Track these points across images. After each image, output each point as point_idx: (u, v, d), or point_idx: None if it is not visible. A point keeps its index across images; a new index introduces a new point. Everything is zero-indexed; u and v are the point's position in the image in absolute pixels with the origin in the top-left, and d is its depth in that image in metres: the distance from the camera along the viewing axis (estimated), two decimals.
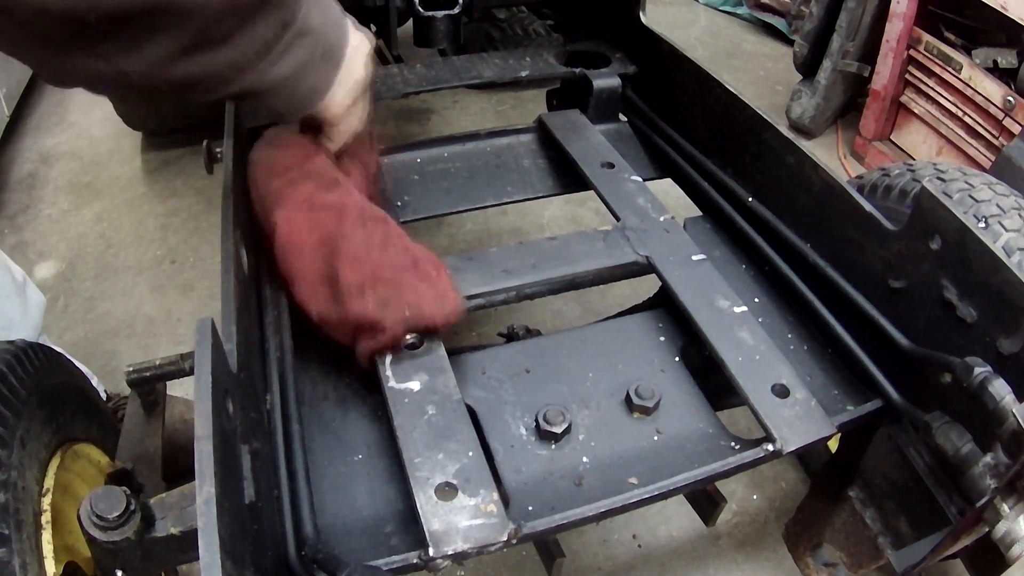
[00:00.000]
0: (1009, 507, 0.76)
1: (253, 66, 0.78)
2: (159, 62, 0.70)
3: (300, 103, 0.90)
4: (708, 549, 1.45)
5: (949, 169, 1.25)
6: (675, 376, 1.03)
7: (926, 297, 0.93)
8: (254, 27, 0.75)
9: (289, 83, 0.84)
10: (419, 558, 0.77)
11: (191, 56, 0.72)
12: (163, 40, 0.69)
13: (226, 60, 0.75)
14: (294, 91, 0.86)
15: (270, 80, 0.81)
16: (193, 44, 0.71)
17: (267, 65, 0.79)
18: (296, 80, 0.85)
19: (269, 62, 0.79)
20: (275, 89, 0.83)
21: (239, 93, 0.80)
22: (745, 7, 3.58)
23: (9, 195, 2.41)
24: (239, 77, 0.77)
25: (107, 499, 0.67)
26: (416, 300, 0.93)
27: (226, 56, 0.74)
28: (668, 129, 1.44)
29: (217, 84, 0.77)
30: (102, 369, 1.74)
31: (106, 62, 0.68)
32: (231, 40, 0.74)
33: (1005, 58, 2.10)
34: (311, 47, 0.84)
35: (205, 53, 0.72)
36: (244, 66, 0.77)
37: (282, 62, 0.80)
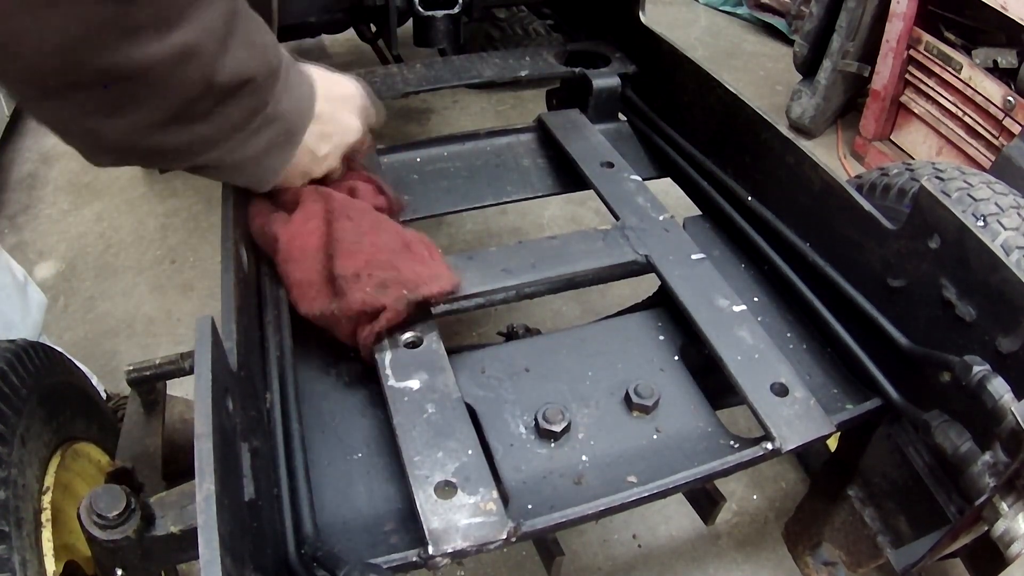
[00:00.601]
0: (1008, 505, 0.76)
1: (221, 144, 0.83)
2: (136, 130, 0.75)
3: (258, 181, 0.96)
4: (708, 549, 1.45)
5: (948, 168, 1.25)
6: (674, 375, 1.03)
7: (925, 296, 0.93)
8: (226, 111, 0.80)
9: (251, 163, 0.90)
10: (419, 556, 0.77)
11: (166, 128, 0.76)
12: (142, 111, 0.73)
13: (198, 135, 0.80)
14: (255, 170, 0.92)
15: (234, 158, 0.86)
16: (171, 117, 0.75)
17: (234, 145, 0.84)
18: (258, 160, 0.90)
19: (237, 142, 0.84)
20: (238, 166, 0.89)
21: (203, 165, 0.85)
22: (745, 7, 3.58)
23: (9, 195, 2.41)
24: (206, 152, 0.83)
25: (107, 498, 0.68)
26: (414, 279, 0.95)
27: (199, 132, 0.79)
28: (668, 129, 1.44)
29: (185, 156, 0.82)
30: (102, 369, 1.74)
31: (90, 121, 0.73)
32: (204, 119, 0.78)
33: (1005, 58, 2.10)
34: (277, 132, 0.89)
35: (181, 127, 0.77)
36: (213, 143, 0.82)
37: (249, 143, 0.86)
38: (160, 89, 0.72)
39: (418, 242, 1.02)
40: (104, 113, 0.72)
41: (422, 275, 0.97)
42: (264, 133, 0.87)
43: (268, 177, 0.96)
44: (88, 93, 0.70)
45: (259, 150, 0.88)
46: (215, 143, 0.82)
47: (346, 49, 2.94)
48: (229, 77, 0.77)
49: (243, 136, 0.84)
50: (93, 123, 0.73)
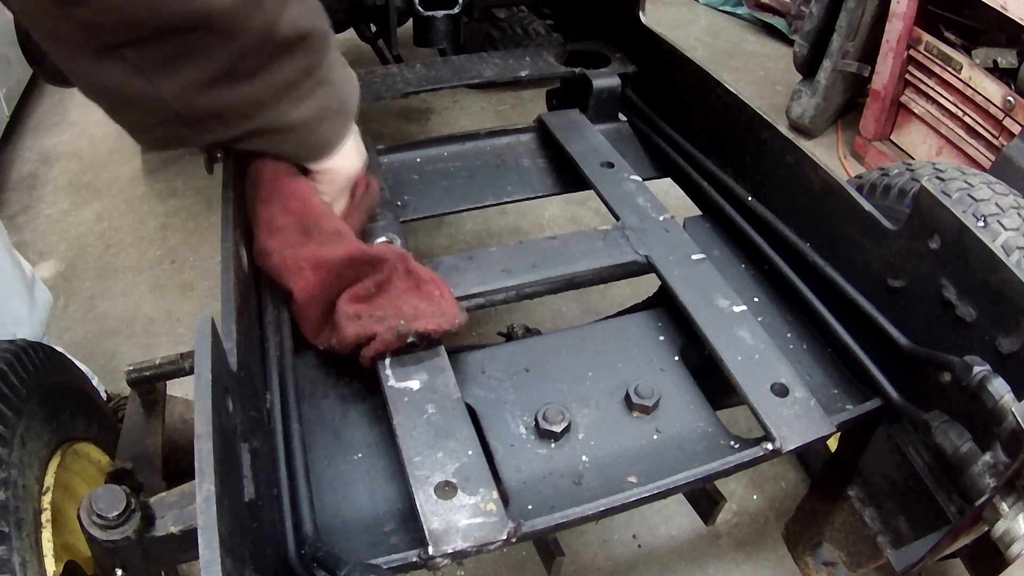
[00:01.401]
0: (1008, 506, 0.76)
1: (273, 104, 0.81)
2: (190, 86, 0.74)
3: (311, 150, 0.92)
4: (708, 549, 1.45)
5: (948, 168, 1.25)
6: (674, 375, 1.03)
7: (925, 296, 0.93)
8: (280, 67, 0.78)
9: (304, 128, 0.86)
10: (419, 557, 0.77)
11: (219, 86, 0.75)
12: (197, 64, 0.72)
13: (250, 95, 0.78)
14: (308, 137, 0.88)
15: (287, 121, 0.83)
16: (224, 73, 0.74)
17: (287, 106, 0.82)
18: (312, 127, 0.87)
19: (290, 102, 0.82)
20: (290, 131, 0.85)
21: (255, 130, 0.82)
22: (745, 7, 3.58)
23: (9, 195, 2.41)
24: (258, 113, 0.80)
25: (107, 498, 0.67)
26: (412, 314, 0.93)
27: (250, 91, 0.78)
28: (668, 129, 1.44)
29: (237, 118, 0.80)
30: (102, 369, 1.74)
31: (146, 79, 0.72)
32: (258, 75, 0.77)
33: (1005, 58, 2.10)
34: (329, 97, 0.86)
35: (232, 85, 0.76)
36: (265, 103, 0.80)
37: (302, 106, 0.83)
38: (222, 38, 0.72)
39: (430, 282, 0.98)
40: (162, 68, 0.72)
41: (423, 311, 0.94)
42: (317, 96, 0.85)
43: (321, 148, 0.92)
44: (150, 45, 0.69)
45: (312, 114, 0.86)
46: (268, 102, 0.80)
47: (346, 49, 2.94)
48: (288, 30, 0.76)
49: (296, 97, 0.82)
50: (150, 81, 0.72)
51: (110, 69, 0.71)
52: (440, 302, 0.97)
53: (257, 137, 0.85)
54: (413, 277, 0.97)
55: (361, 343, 0.92)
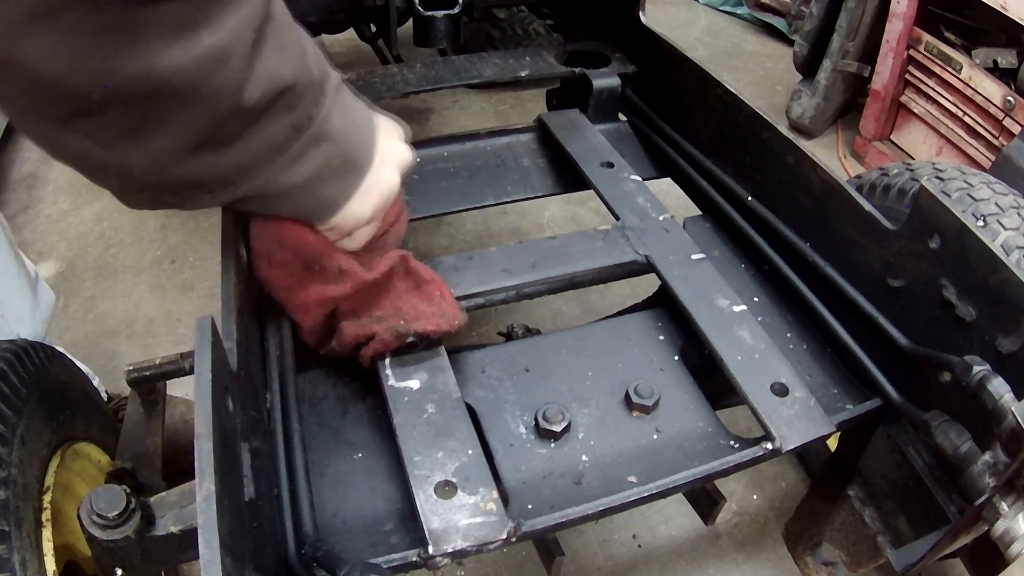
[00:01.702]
0: (1008, 505, 0.76)
1: (261, 170, 0.73)
2: (163, 157, 0.66)
3: (313, 212, 0.82)
4: (708, 549, 1.45)
5: (948, 168, 1.25)
6: (674, 375, 1.03)
7: (925, 296, 0.93)
8: (263, 127, 0.70)
9: (302, 191, 0.78)
10: (419, 556, 0.77)
11: (196, 155, 0.68)
12: (168, 134, 0.65)
13: (230, 163, 0.71)
14: (307, 199, 0.80)
15: (280, 185, 0.76)
16: (200, 142, 0.67)
17: (277, 170, 0.74)
18: (310, 189, 0.78)
19: (279, 167, 0.74)
20: (286, 195, 0.78)
21: (244, 197, 0.75)
22: (745, 7, 3.58)
23: (9, 195, 2.41)
24: (245, 180, 0.73)
25: (107, 497, 0.68)
26: (412, 314, 0.92)
27: (230, 158, 0.70)
28: (668, 129, 1.44)
29: (222, 186, 0.73)
30: (102, 369, 1.74)
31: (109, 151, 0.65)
32: (236, 140, 0.69)
33: (1005, 58, 2.10)
34: (328, 154, 0.77)
35: (208, 153, 0.68)
36: (251, 169, 0.73)
37: (295, 168, 0.75)
38: (185, 104, 0.63)
39: (430, 282, 0.96)
40: (127, 139, 0.64)
41: (423, 312, 0.93)
42: (313, 155, 0.76)
43: (323, 209, 0.82)
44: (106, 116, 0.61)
45: (309, 175, 0.77)
46: (255, 168, 0.73)
47: (346, 49, 2.94)
48: (265, 84, 0.67)
49: (287, 159, 0.74)
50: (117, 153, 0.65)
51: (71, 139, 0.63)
52: (440, 303, 0.95)
53: (250, 202, 0.78)
54: (413, 277, 0.96)
55: (361, 343, 0.92)
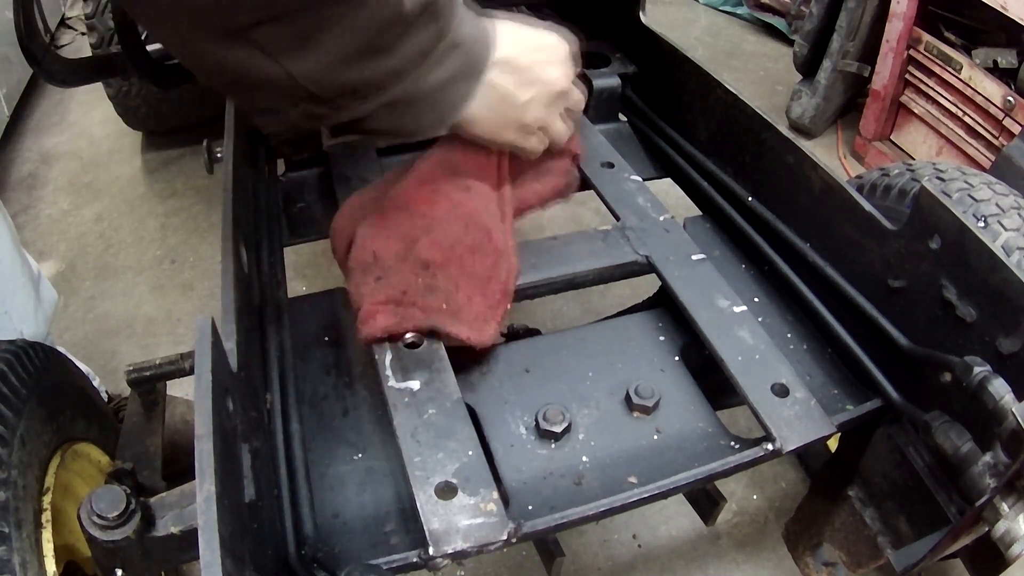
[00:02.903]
0: (1008, 506, 0.76)
1: (408, 74, 0.78)
2: (330, 63, 0.70)
3: (442, 116, 0.88)
4: (708, 549, 1.45)
5: (948, 169, 1.25)
6: (675, 375, 1.03)
7: (925, 296, 0.93)
8: (416, 35, 0.75)
9: (438, 94, 0.84)
10: (419, 557, 0.77)
11: (359, 60, 0.72)
12: (337, 40, 0.69)
13: (387, 67, 0.75)
14: (439, 103, 0.86)
15: (421, 89, 0.80)
16: (360, 48, 0.71)
17: (421, 73, 0.79)
18: (445, 91, 0.84)
19: (424, 70, 0.79)
20: (425, 99, 0.82)
21: (390, 102, 0.79)
22: (745, 7, 3.58)
23: (9, 195, 2.41)
24: (394, 85, 0.78)
25: (107, 498, 0.67)
26: (459, 307, 0.93)
27: (388, 63, 0.75)
28: (668, 129, 1.44)
29: (374, 91, 0.77)
30: (102, 369, 1.74)
31: (275, 62, 0.68)
32: (394, 46, 0.74)
33: (1005, 58, 2.10)
34: (461, 59, 0.84)
35: (369, 59, 0.73)
36: (401, 73, 0.77)
37: (434, 72, 0.80)
38: (356, 7, 0.68)
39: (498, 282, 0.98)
40: (295, 49, 0.68)
41: (471, 310, 0.95)
42: (448, 60, 0.82)
43: (450, 112, 0.89)
44: (285, 23, 0.66)
45: (443, 79, 0.83)
46: (405, 72, 0.78)
47: None
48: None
49: (429, 64, 0.79)
50: (286, 61, 0.69)
51: (237, 53, 0.67)
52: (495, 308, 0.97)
53: (390, 109, 0.81)
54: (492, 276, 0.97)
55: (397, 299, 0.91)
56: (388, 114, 0.82)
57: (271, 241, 1.16)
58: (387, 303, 0.92)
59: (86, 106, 2.81)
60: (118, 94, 2.32)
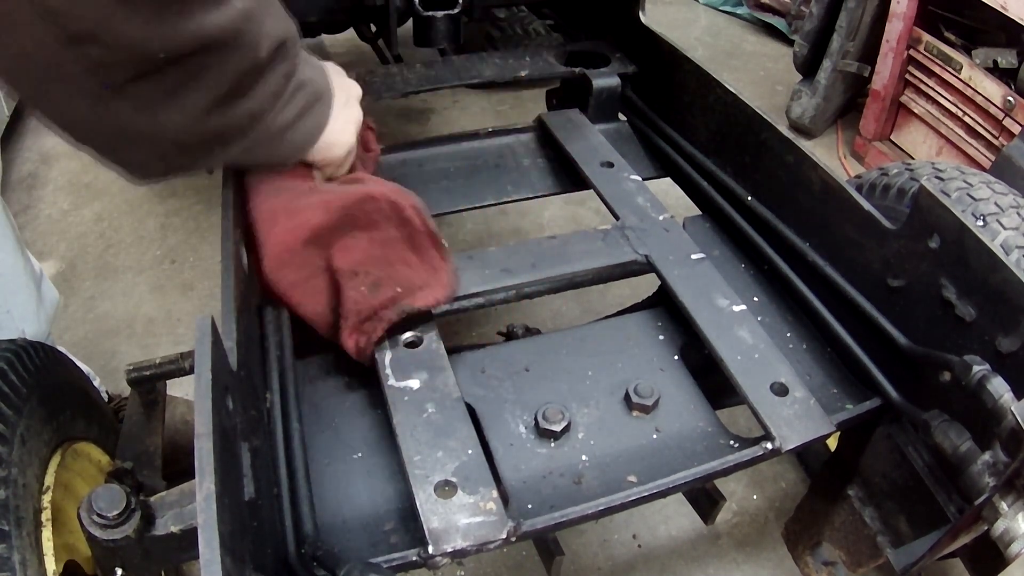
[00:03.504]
0: (1008, 505, 0.76)
1: (265, 116, 0.84)
2: (195, 113, 0.75)
3: (299, 146, 0.95)
4: (708, 549, 1.45)
5: (947, 168, 1.25)
6: (674, 375, 1.03)
7: (925, 296, 0.93)
8: (270, 77, 0.82)
9: (292, 129, 0.90)
10: (418, 555, 0.77)
11: (221, 107, 0.77)
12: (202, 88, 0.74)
13: (247, 111, 0.81)
14: (296, 136, 0.92)
15: (278, 127, 0.87)
16: (226, 94, 0.77)
17: (275, 114, 0.85)
18: (298, 125, 0.91)
19: (277, 111, 0.86)
20: (280, 136, 0.89)
21: (250, 144, 0.85)
22: (745, 7, 3.58)
23: (9, 195, 2.41)
24: (253, 127, 0.84)
25: (107, 497, 0.68)
26: (408, 281, 0.96)
27: (247, 106, 0.81)
28: (667, 129, 1.44)
29: (236, 136, 0.83)
30: (102, 369, 1.74)
31: (151, 113, 0.73)
32: (252, 90, 0.80)
33: (1005, 58, 2.10)
34: (308, 94, 0.91)
35: (232, 104, 0.79)
36: (258, 116, 0.83)
37: (287, 109, 0.87)
38: (222, 58, 0.74)
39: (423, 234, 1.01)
40: (168, 99, 0.73)
41: (418, 278, 0.97)
42: (298, 96, 0.88)
43: (308, 141, 0.96)
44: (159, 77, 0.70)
45: (297, 112, 0.89)
46: (261, 114, 0.83)
47: (346, 49, 2.94)
48: (271, 42, 0.79)
49: (282, 102, 0.86)
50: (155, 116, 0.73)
51: (115, 109, 0.71)
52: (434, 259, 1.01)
53: (252, 150, 0.88)
54: (407, 227, 1.00)
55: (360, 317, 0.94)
56: (250, 155, 0.90)
57: None
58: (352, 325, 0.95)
59: None
60: None
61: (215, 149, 0.83)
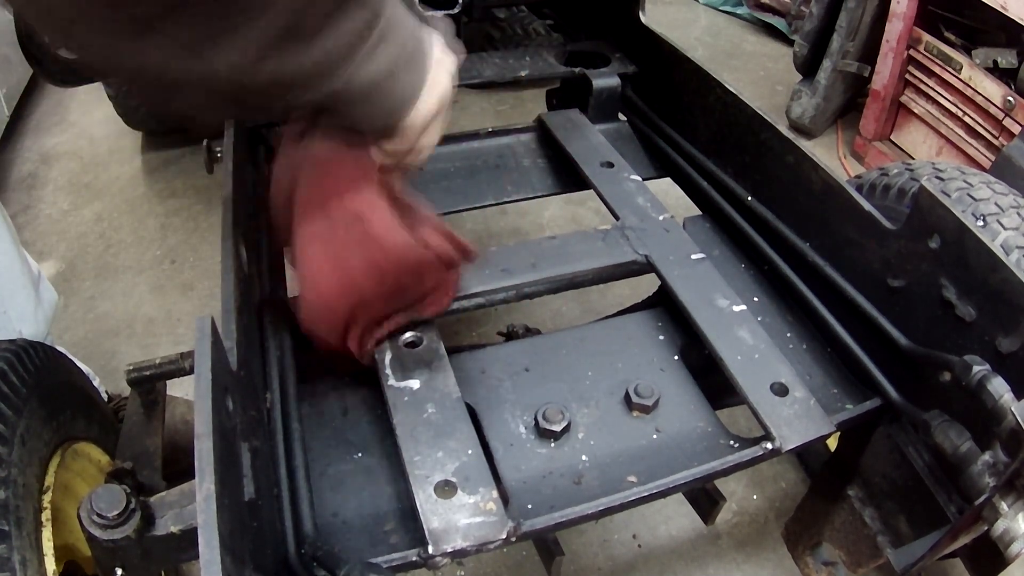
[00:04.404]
0: (1008, 505, 0.76)
1: (342, 66, 0.70)
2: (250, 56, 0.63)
3: (389, 112, 0.79)
4: (708, 549, 1.45)
5: (947, 168, 1.25)
6: (674, 375, 1.03)
7: (925, 296, 0.93)
8: (342, 20, 0.67)
9: (378, 88, 0.75)
10: (419, 556, 0.77)
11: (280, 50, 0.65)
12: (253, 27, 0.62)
13: (315, 57, 0.67)
14: (384, 97, 0.77)
15: (359, 83, 0.72)
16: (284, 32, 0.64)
17: (355, 67, 0.71)
18: (385, 84, 0.75)
19: (358, 63, 0.71)
20: (364, 94, 0.74)
21: (325, 100, 0.72)
22: (745, 7, 3.58)
23: (9, 195, 2.41)
24: (328, 78, 0.70)
25: (107, 497, 0.68)
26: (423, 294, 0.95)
27: (315, 52, 0.67)
28: (668, 129, 1.44)
29: (304, 87, 0.70)
30: (102, 369, 1.74)
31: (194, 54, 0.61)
32: (320, 33, 0.66)
33: (1005, 58, 2.10)
34: (398, 48, 0.75)
35: (295, 47, 0.66)
36: (333, 64, 0.69)
37: (371, 62, 0.72)
38: None
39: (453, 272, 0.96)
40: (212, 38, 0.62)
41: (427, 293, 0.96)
42: (384, 50, 0.73)
43: (399, 106, 0.79)
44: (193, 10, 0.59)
45: (385, 70, 0.74)
46: (335, 64, 0.69)
47: None
48: None
49: (362, 55, 0.71)
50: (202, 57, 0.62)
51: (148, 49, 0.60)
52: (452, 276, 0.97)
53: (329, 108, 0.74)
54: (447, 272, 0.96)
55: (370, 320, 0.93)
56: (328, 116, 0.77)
57: (271, 241, 1.16)
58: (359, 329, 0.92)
59: (86, 106, 2.81)
60: (118, 94, 2.32)
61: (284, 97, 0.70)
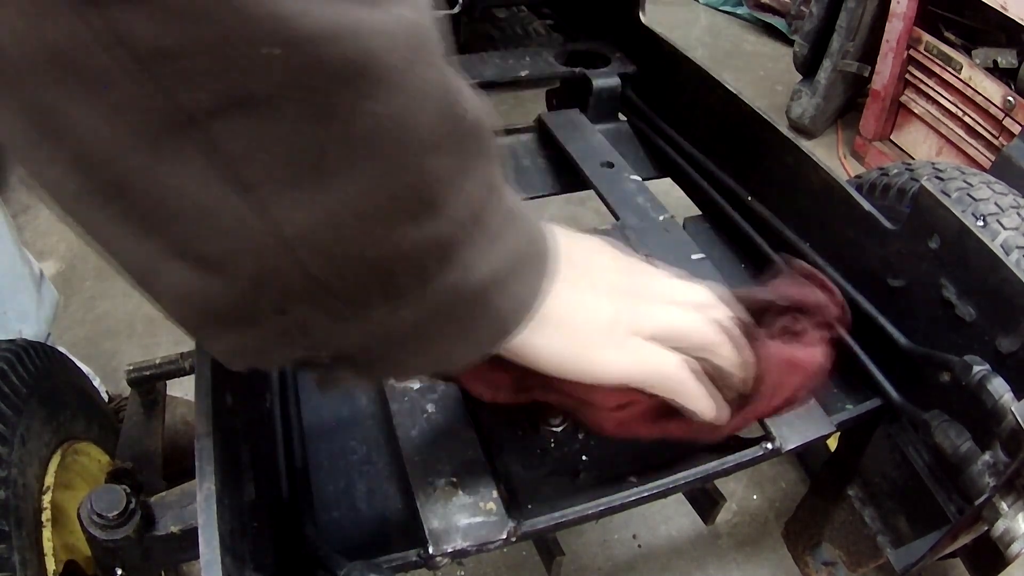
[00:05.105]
0: (1008, 505, 0.76)
1: (459, 250, 0.42)
2: (333, 214, 0.35)
3: (499, 328, 0.48)
4: (708, 549, 1.45)
5: (947, 168, 1.25)
6: None
7: (925, 296, 0.93)
8: (467, 179, 0.42)
9: (496, 290, 0.45)
10: (418, 555, 0.77)
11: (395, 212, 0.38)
12: (366, 168, 0.35)
13: (434, 233, 0.40)
14: (501, 302, 0.46)
15: (478, 279, 0.43)
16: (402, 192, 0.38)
17: (477, 252, 0.43)
18: (505, 285, 0.46)
19: (480, 248, 0.43)
20: (478, 300, 0.44)
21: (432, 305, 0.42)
22: (745, 7, 3.58)
23: (9, 195, 2.40)
24: (442, 267, 0.41)
25: (107, 497, 0.68)
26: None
27: (438, 225, 0.40)
28: (668, 129, 1.44)
29: (410, 284, 0.40)
30: (102, 369, 1.74)
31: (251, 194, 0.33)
32: (446, 196, 0.40)
33: (1005, 58, 2.10)
34: (520, 235, 0.47)
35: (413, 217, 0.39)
36: (449, 248, 0.41)
37: (493, 250, 0.44)
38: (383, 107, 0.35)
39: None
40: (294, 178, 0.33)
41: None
42: (509, 233, 0.46)
43: (511, 318, 0.48)
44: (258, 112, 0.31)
45: (507, 262, 0.45)
46: (453, 246, 0.41)
47: None
48: (470, 112, 0.48)
49: (487, 234, 0.44)
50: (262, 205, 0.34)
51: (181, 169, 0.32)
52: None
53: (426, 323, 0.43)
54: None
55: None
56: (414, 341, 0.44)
57: None
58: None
59: None
60: None
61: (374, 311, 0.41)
